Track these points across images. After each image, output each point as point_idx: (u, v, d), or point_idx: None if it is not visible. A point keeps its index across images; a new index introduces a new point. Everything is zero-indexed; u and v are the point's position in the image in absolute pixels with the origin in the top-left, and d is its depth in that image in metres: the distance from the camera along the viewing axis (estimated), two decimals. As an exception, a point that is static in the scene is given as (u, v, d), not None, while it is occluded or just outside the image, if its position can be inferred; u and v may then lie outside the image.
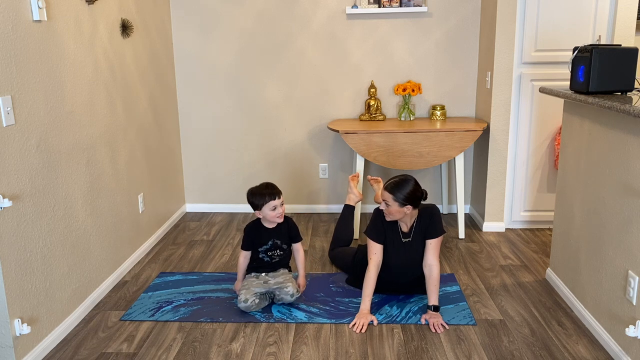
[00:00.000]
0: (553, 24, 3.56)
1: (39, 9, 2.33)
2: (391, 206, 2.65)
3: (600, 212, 2.46)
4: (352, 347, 2.44)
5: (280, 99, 4.20)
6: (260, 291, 2.75)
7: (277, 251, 2.84)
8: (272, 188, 2.78)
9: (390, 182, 2.67)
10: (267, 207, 2.74)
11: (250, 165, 4.33)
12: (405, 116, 4.01)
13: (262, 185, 2.80)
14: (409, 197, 2.62)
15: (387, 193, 2.65)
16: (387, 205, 2.66)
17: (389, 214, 2.69)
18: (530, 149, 3.75)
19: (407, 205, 2.64)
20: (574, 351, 2.39)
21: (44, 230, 2.41)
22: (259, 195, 2.75)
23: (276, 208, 2.75)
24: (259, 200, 2.75)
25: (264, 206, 2.74)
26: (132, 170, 3.37)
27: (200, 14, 4.07)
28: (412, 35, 4.03)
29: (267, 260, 2.83)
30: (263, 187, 2.78)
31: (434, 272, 2.69)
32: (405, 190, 2.62)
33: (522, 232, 3.84)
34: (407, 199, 2.62)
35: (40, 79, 2.39)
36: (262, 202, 2.74)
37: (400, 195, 2.61)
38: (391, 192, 2.63)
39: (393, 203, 2.64)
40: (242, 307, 2.71)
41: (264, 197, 2.74)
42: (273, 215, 2.75)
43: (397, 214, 2.67)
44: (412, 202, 2.64)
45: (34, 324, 2.34)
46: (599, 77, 2.45)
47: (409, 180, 2.65)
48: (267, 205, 2.73)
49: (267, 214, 2.75)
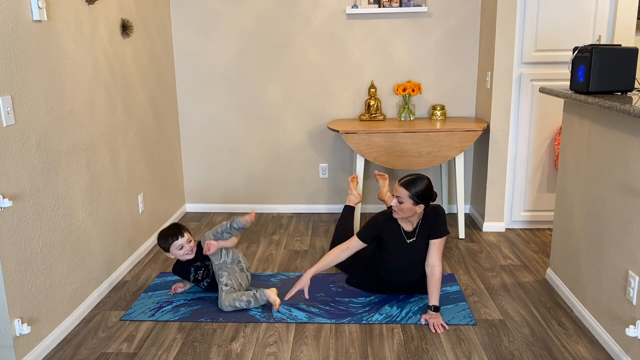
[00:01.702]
0: (553, 24, 3.56)
1: (39, 9, 2.33)
2: (405, 203, 2.63)
3: (600, 212, 2.46)
4: (352, 347, 2.44)
5: (280, 99, 4.20)
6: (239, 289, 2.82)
7: (202, 273, 2.88)
8: (174, 228, 2.82)
9: (406, 179, 2.65)
10: (174, 248, 2.80)
11: (250, 165, 4.33)
12: (405, 116, 4.01)
13: (167, 229, 2.84)
14: (423, 196, 2.62)
15: (403, 189, 2.62)
16: (400, 202, 2.65)
17: (400, 211, 2.67)
18: (530, 149, 3.75)
19: (420, 204, 2.63)
20: (574, 351, 2.39)
21: (44, 230, 2.41)
22: (163, 239, 2.81)
23: (183, 247, 2.80)
24: (164, 244, 2.81)
25: (171, 247, 2.80)
26: (132, 170, 3.37)
27: (200, 14, 4.08)
28: (412, 35, 4.03)
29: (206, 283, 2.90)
30: (166, 229, 2.83)
31: (436, 272, 2.69)
32: (421, 188, 2.61)
33: (522, 232, 3.84)
34: (421, 197, 2.61)
35: (40, 79, 2.39)
36: (167, 245, 2.80)
37: (416, 192, 2.60)
38: (407, 189, 2.61)
39: (407, 200, 2.62)
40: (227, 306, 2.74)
41: (167, 238, 2.79)
42: (182, 254, 2.81)
43: (408, 211, 2.65)
44: (425, 201, 2.64)
45: (34, 324, 2.34)
46: (599, 77, 2.45)
47: (424, 179, 2.65)
48: (172, 246, 2.80)
49: (176, 253, 2.82)
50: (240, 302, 2.72)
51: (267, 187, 4.36)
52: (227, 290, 2.75)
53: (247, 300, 2.72)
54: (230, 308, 2.72)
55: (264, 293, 2.73)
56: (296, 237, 3.81)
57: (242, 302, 2.72)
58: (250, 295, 2.74)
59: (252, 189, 4.37)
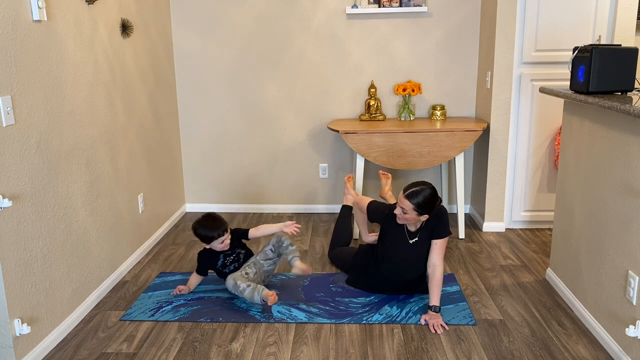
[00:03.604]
0: (553, 24, 3.56)
1: (39, 9, 2.33)
2: (409, 214, 2.64)
3: (600, 212, 2.46)
4: (352, 347, 2.44)
5: (280, 99, 4.20)
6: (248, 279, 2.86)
7: (234, 262, 2.93)
8: (219, 222, 2.87)
9: (410, 191, 2.62)
10: (217, 242, 2.86)
11: (250, 165, 4.33)
12: (405, 116, 4.01)
13: (212, 218, 2.89)
14: (427, 207, 2.62)
15: (407, 202, 2.61)
16: (404, 213, 2.65)
17: (404, 220, 2.68)
18: (530, 149, 3.75)
19: (424, 214, 2.63)
20: (574, 351, 2.39)
21: (44, 230, 2.41)
22: (209, 231, 2.85)
23: (224, 241, 2.88)
24: (209, 236, 2.85)
25: (215, 241, 2.86)
26: (132, 171, 3.37)
27: (200, 14, 4.07)
28: (412, 35, 4.03)
29: (232, 268, 2.93)
30: (210, 223, 2.87)
31: (437, 272, 2.69)
32: (425, 200, 2.60)
33: (522, 232, 3.84)
34: (425, 208, 2.61)
35: (40, 79, 2.39)
36: (212, 238, 2.86)
37: (420, 204, 2.60)
38: (411, 202, 2.60)
39: (411, 212, 2.62)
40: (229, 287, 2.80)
41: (214, 232, 2.84)
42: (221, 247, 2.89)
43: (412, 220, 2.67)
44: (429, 212, 2.64)
45: (34, 324, 2.34)
46: (599, 77, 2.45)
47: (428, 189, 2.62)
48: (217, 240, 2.86)
49: (216, 246, 2.88)
50: (241, 287, 2.75)
51: (267, 187, 4.36)
52: (241, 274, 2.83)
53: (247, 287, 2.74)
54: (230, 287, 2.79)
55: (263, 291, 2.74)
56: (296, 237, 3.81)
57: (242, 287, 2.75)
58: (252, 285, 2.76)
59: (252, 189, 4.37)
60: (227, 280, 2.82)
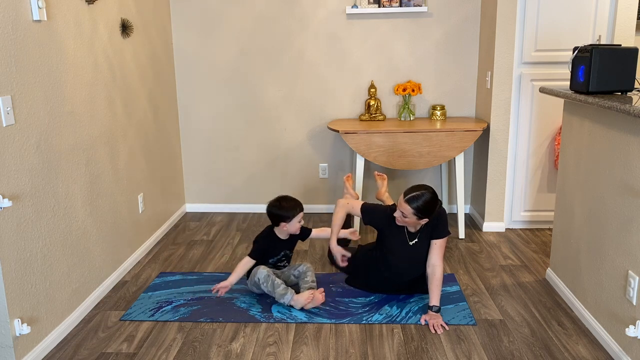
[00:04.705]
0: (553, 24, 3.56)
1: (39, 9, 2.33)
2: (408, 218, 2.64)
3: (600, 212, 2.46)
4: (352, 347, 2.44)
5: (280, 99, 4.20)
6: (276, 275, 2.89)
7: (285, 261, 2.98)
8: (298, 202, 2.90)
9: (410, 195, 2.60)
10: (296, 219, 2.86)
11: (250, 165, 4.33)
12: (405, 116, 4.01)
13: (289, 198, 2.90)
14: (427, 211, 2.61)
15: (407, 206, 2.60)
16: (404, 217, 2.65)
17: (403, 223, 2.68)
18: (530, 149, 3.75)
19: (423, 218, 2.63)
20: (574, 351, 2.39)
21: (44, 230, 2.41)
22: (290, 208, 2.84)
23: (301, 220, 2.90)
24: (289, 213, 2.84)
25: (294, 218, 2.84)
26: (132, 171, 3.37)
27: (200, 14, 4.08)
28: (412, 35, 4.03)
29: (282, 265, 2.99)
30: (290, 200, 2.89)
31: (437, 273, 2.69)
32: (425, 204, 2.59)
33: (522, 232, 3.84)
34: (425, 212, 2.61)
35: (40, 79, 2.39)
36: (294, 214, 2.84)
37: (420, 209, 2.59)
38: (411, 206, 2.59)
39: (411, 216, 2.62)
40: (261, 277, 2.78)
41: (296, 209, 2.85)
42: (298, 226, 2.89)
43: (412, 224, 2.67)
44: (429, 215, 2.63)
45: (34, 324, 2.34)
46: (599, 77, 2.45)
47: (428, 193, 2.60)
48: (297, 217, 2.85)
49: (295, 225, 2.87)
50: (276, 282, 2.76)
51: (267, 187, 4.36)
52: (271, 270, 2.83)
53: (282, 284, 2.76)
54: (262, 276, 2.77)
55: (292, 296, 2.74)
56: (296, 237, 3.81)
57: (277, 282, 2.76)
58: (283, 284, 2.77)
59: (252, 189, 4.37)
60: (260, 269, 2.79)
